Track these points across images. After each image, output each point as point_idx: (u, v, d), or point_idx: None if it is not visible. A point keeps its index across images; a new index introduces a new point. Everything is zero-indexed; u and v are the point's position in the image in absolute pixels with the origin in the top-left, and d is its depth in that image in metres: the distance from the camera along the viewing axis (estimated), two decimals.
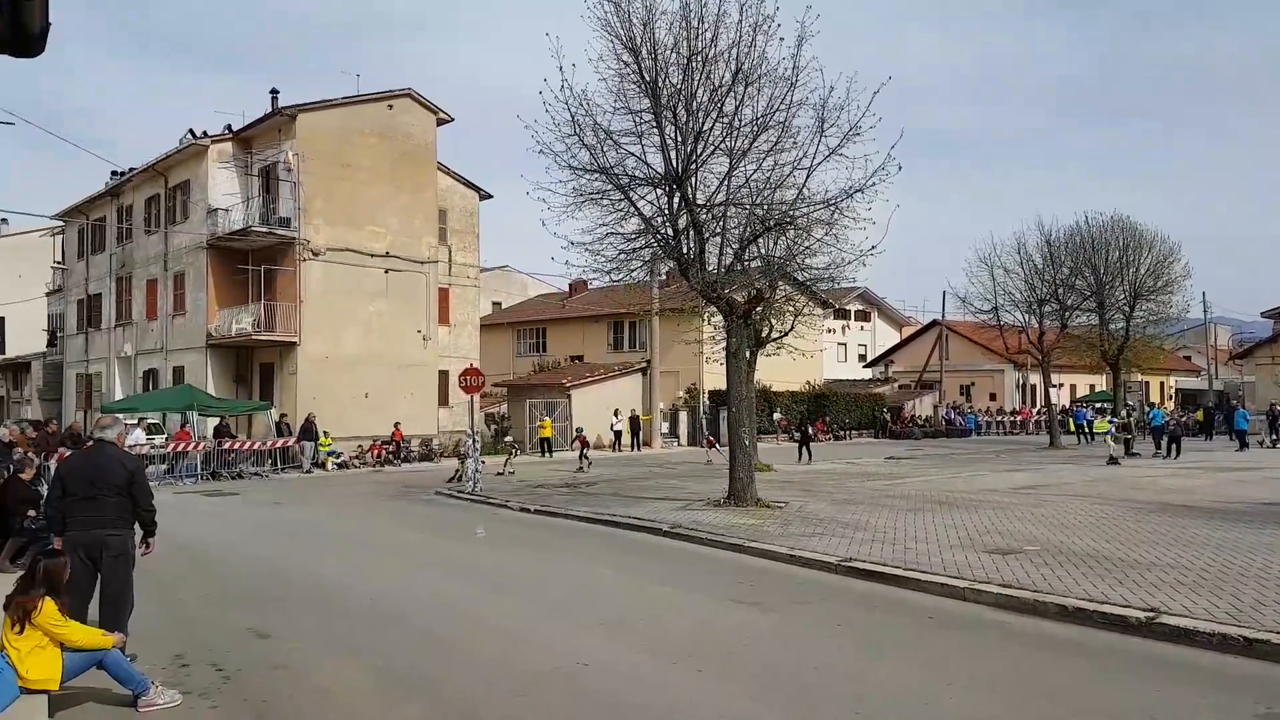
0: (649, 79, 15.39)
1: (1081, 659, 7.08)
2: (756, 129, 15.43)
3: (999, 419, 49.81)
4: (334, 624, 8.43)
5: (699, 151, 15.58)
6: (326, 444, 28.28)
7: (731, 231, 16.28)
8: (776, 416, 40.84)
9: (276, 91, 32.41)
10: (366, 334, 32.02)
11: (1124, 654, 7.18)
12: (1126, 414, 32.99)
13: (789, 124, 15.43)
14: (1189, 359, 64.30)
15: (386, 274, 32.50)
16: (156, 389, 33.23)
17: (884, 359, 59.08)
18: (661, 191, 16.13)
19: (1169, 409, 43.71)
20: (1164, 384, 59.91)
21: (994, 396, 53.51)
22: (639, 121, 15.78)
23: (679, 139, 15.57)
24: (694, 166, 15.67)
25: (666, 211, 16.18)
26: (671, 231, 16.14)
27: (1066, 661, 7.03)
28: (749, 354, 19.12)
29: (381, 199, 32.53)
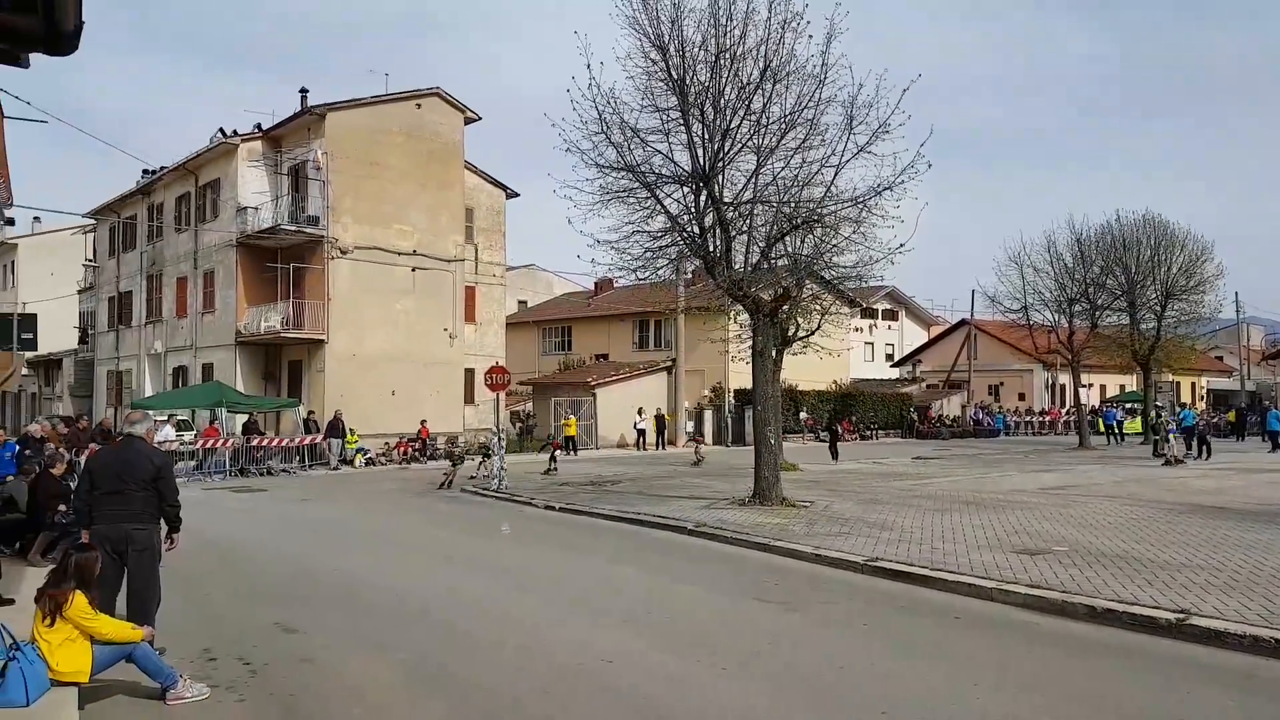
0: (676, 76, 15.37)
1: (1110, 660, 7.00)
2: (784, 126, 15.38)
3: (1027, 419, 49.34)
4: (360, 619, 8.48)
5: (726, 149, 15.54)
6: (353, 441, 28.51)
7: (758, 229, 16.23)
8: (803, 416, 40.69)
9: (306, 90, 32.81)
10: (393, 332, 32.22)
11: (1153, 655, 7.09)
12: (1155, 415, 32.51)
13: (817, 121, 15.37)
14: (1221, 359, 63.36)
15: (413, 272, 32.70)
16: (186, 386, 33.62)
17: (911, 358, 58.68)
18: (688, 189, 16.10)
19: (1199, 410, 43.11)
20: (1195, 384, 59.10)
21: (1022, 396, 53.01)
22: (666, 119, 15.77)
23: (706, 136, 15.53)
24: (721, 164, 15.63)
25: (693, 209, 16.15)
26: (698, 229, 16.11)
27: (1095, 663, 6.95)
28: (775, 353, 19.07)
29: (409, 198, 32.73)
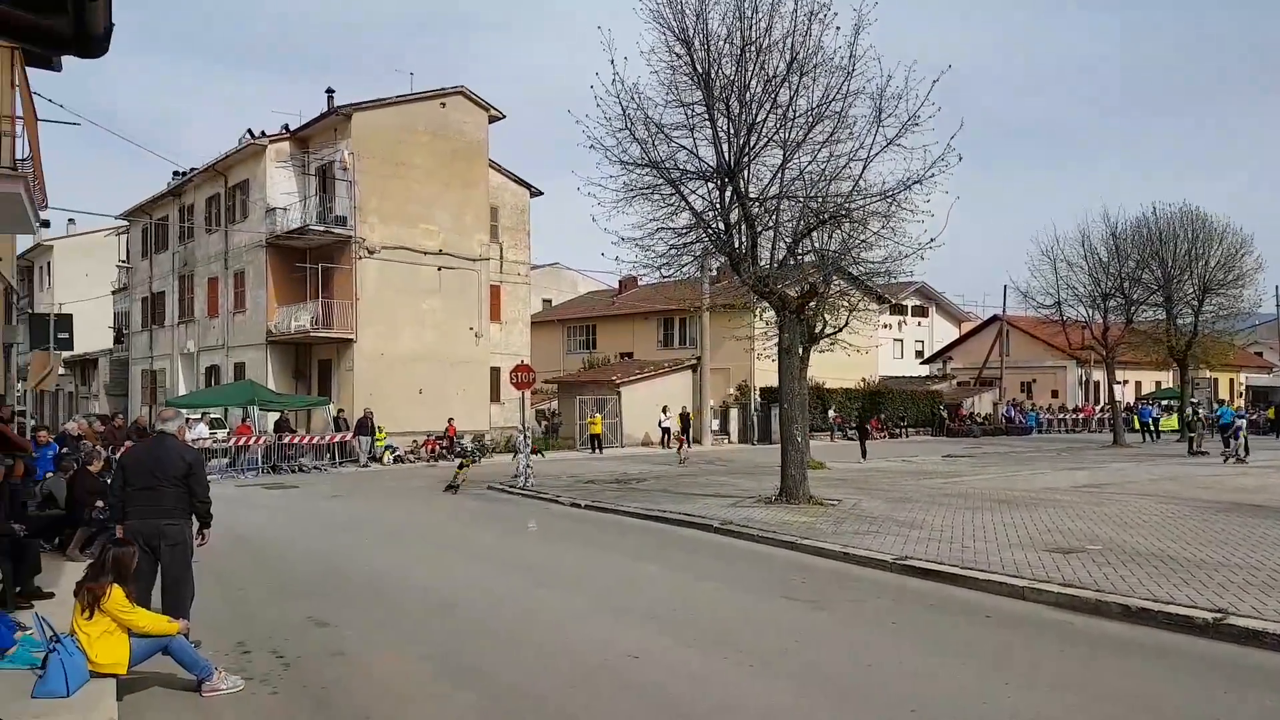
0: (701, 70, 15.30)
1: (1145, 660, 6.91)
2: (811, 120, 15.22)
3: (1061, 416, 48.76)
4: (390, 614, 8.54)
5: (752, 143, 15.44)
6: (382, 439, 28.72)
7: (785, 225, 16.11)
8: (831, 414, 40.49)
9: (332, 91, 33.02)
10: (420, 331, 32.42)
11: (1189, 655, 6.99)
12: (1192, 412, 32.04)
13: (845, 114, 15.20)
14: (1260, 355, 62.30)
15: (439, 271, 32.87)
16: (219, 385, 34.03)
17: (942, 355, 58.17)
18: (713, 185, 16.02)
19: (1237, 406, 42.41)
20: (1233, 380, 58.16)
21: (1056, 393, 52.41)
22: (691, 114, 15.69)
23: (731, 131, 15.44)
24: (747, 159, 15.54)
25: (718, 205, 16.06)
26: (723, 226, 16.03)
27: (1129, 662, 6.86)
28: (802, 350, 18.95)
29: (434, 197, 32.90)
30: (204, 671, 6.19)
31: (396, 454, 28.98)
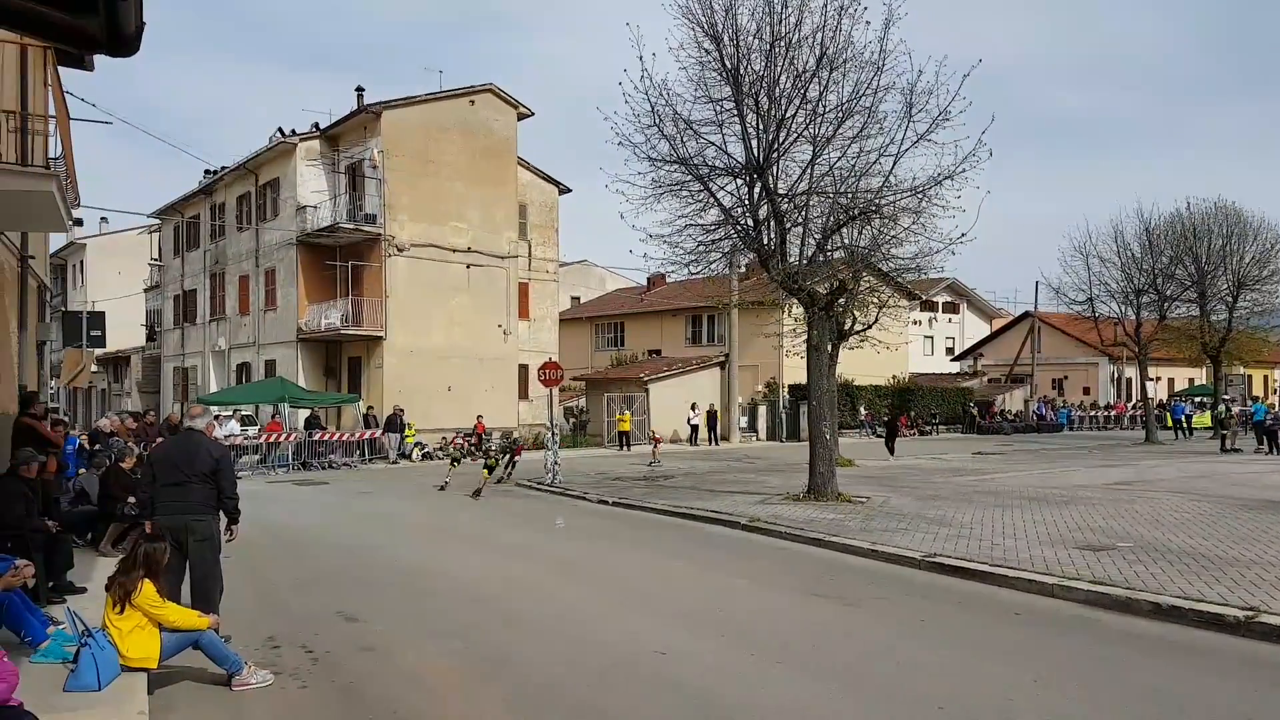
0: (730, 66, 15.26)
1: (1176, 658, 6.83)
2: (841, 115, 15.14)
3: (1092, 414, 48.19)
4: (418, 608, 8.60)
5: (781, 139, 15.38)
6: (411, 436, 28.91)
7: (814, 221, 16.03)
8: (861, 411, 40.24)
9: (362, 89, 33.30)
10: (449, 328, 32.58)
11: (1221, 653, 6.90)
12: (1225, 409, 31.54)
13: (875, 109, 15.12)
14: None
15: (468, 269, 33.02)
16: (250, 382, 34.40)
17: (972, 352, 57.65)
18: (742, 181, 15.98)
19: (1272, 404, 41.71)
20: (1268, 377, 57.22)
21: (1087, 390, 51.81)
22: (720, 110, 15.66)
23: (760, 127, 15.38)
24: (776, 155, 15.48)
25: (747, 202, 16.01)
26: (752, 222, 15.98)
27: (1159, 660, 6.77)
28: (830, 347, 18.84)
29: (463, 195, 33.03)
30: (234, 666, 6.26)
31: (425, 450, 29.15)
